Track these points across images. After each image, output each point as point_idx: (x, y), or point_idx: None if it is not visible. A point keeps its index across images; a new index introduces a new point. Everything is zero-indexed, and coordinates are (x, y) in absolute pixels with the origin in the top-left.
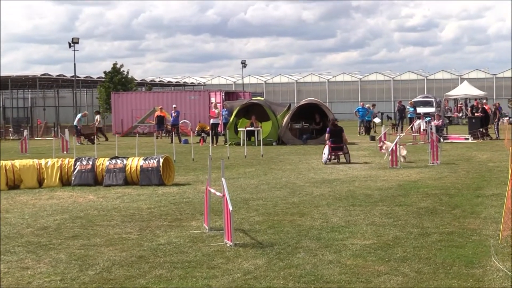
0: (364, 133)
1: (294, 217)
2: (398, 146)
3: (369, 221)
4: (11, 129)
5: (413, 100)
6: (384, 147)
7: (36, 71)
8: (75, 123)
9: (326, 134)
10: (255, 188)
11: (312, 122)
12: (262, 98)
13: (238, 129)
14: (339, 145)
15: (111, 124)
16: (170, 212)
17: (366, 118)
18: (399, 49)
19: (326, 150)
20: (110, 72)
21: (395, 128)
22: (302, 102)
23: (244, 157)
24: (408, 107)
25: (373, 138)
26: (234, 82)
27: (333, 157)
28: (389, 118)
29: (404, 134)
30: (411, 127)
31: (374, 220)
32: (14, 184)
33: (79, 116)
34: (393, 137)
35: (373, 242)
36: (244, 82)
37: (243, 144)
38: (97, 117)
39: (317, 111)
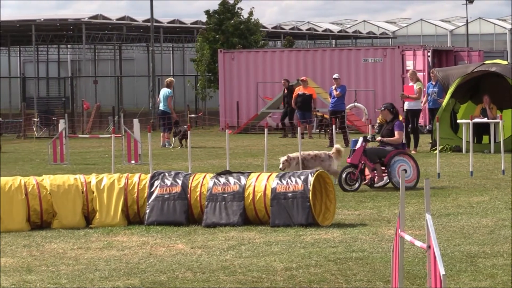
0: None
1: None
2: None
3: None
4: (35, 119)
5: None
6: None
7: (81, 11)
8: (162, 105)
9: None
10: (489, 234)
11: None
12: (507, 62)
13: (458, 121)
14: None
15: (218, 111)
16: (327, 278)
17: None
18: None
19: None
20: (217, 12)
21: None
22: None
23: (469, 174)
24: None
25: None
26: (450, 31)
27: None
28: None
29: None
30: None
31: None
32: (41, 221)
33: (166, 92)
34: None
35: None
36: (470, 32)
37: (467, 151)
38: None
39: None
